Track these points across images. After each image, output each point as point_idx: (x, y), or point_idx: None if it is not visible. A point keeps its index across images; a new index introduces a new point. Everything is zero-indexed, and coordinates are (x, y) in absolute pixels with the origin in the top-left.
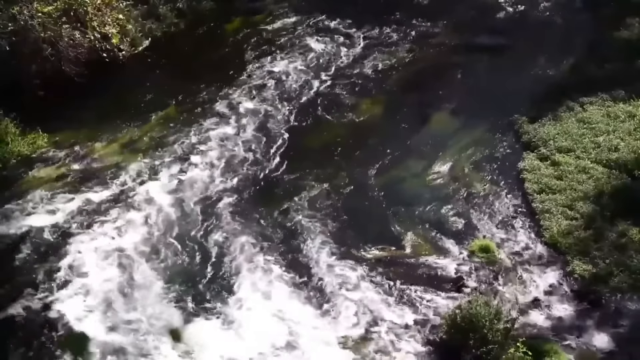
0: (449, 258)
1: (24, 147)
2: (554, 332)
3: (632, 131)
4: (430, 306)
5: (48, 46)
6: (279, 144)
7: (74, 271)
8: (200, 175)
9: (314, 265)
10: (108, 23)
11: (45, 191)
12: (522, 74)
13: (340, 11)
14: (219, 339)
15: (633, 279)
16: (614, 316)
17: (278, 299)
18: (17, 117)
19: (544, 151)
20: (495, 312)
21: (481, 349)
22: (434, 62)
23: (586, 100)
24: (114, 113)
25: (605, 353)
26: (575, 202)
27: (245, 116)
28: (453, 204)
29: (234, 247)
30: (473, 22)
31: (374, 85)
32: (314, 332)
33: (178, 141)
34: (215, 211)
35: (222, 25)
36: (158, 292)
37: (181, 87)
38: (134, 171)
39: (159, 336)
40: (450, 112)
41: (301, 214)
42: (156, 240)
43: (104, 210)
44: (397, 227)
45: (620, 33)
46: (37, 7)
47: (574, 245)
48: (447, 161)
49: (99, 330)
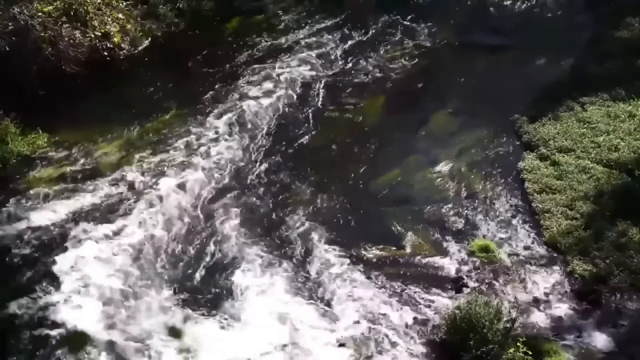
0: (449, 258)
1: (24, 147)
2: (554, 332)
3: (632, 131)
4: (430, 306)
5: (48, 46)
6: (279, 144)
7: (74, 271)
8: (200, 175)
9: (313, 265)
10: (108, 22)
11: (45, 191)
12: (522, 73)
13: (340, 11)
14: (219, 339)
15: (633, 279)
16: (614, 316)
17: (278, 299)
18: (17, 117)
19: (544, 151)
20: (495, 312)
21: (481, 349)
22: (433, 62)
23: (586, 100)
24: (114, 113)
25: (605, 353)
26: (575, 202)
27: (245, 116)
28: (453, 204)
29: (234, 247)
30: (473, 21)
31: (374, 85)
32: (314, 331)
33: (178, 141)
34: (216, 211)
35: (222, 25)
36: (159, 291)
37: (181, 87)
38: (135, 171)
39: (159, 336)
40: (450, 111)
41: (301, 213)
42: (157, 240)
43: (104, 210)
44: (397, 227)
45: (620, 33)
46: (37, 6)
47: (574, 245)
48: (447, 161)
49: (100, 330)
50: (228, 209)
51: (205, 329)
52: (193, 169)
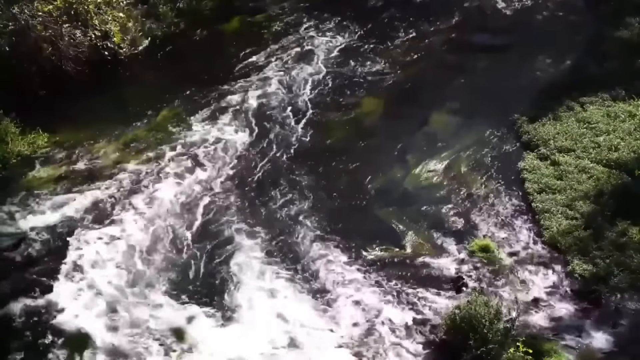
0: (449, 258)
1: (24, 147)
2: (554, 332)
3: (632, 131)
4: (430, 306)
5: (48, 45)
6: (279, 144)
7: (75, 271)
8: (201, 174)
9: (313, 265)
10: (109, 21)
11: (45, 191)
12: (522, 73)
13: (340, 11)
14: (220, 339)
15: (633, 279)
16: (614, 316)
17: (278, 299)
18: (17, 117)
19: (544, 151)
20: (495, 312)
21: (481, 349)
22: (434, 62)
23: (586, 100)
24: (115, 112)
25: (605, 353)
26: (575, 201)
27: (245, 115)
28: (453, 204)
29: (235, 247)
30: (473, 21)
31: (374, 85)
32: (314, 331)
33: (178, 141)
34: (216, 211)
35: (221, 25)
36: (160, 291)
37: (181, 87)
38: (135, 171)
39: (160, 336)
40: (450, 111)
41: (301, 213)
42: (157, 240)
43: (104, 210)
44: (397, 227)
45: (620, 33)
46: (37, 6)
47: (574, 245)
48: (447, 161)
49: (101, 330)
50: (228, 209)
51: (205, 329)
52: (193, 169)
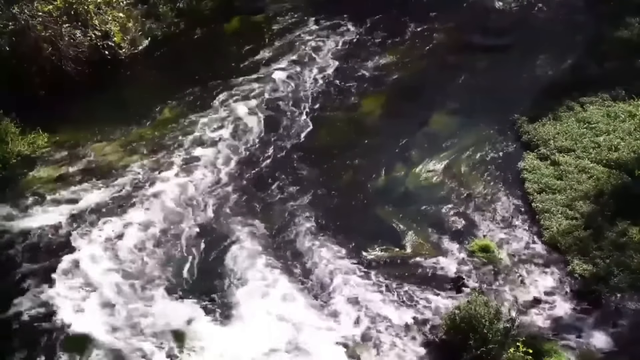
0: (449, 258)
1: (24, 147)
2: (554, 332)
3: (632, 131)
4: (430, 306)
5: (48, 45)
6: (279, 143)
7: (75, 271)
8: (201, 174)
9: (314, 265)
10: (109, 21)
11: (45, 191)
12: (522, 73)
13: (340, 11)
14: (220, 339)
15: (633, 279)
16: (614, 316)
17: (278, 299)
18: (17, 117)
19: (544, 151)
20: (495, 312)
21: (481, 349)
22: (434, 62)
23: (586, 100)
24: (114, 112)
25: (605, 353)
26: (575, 201)
27: (245, 115)
28: (453, 204)
29: (235, 247)
30: (473, 21)
31: (374, 85)
32: (314, 331)
33: (178, 141)
34: (216, 211)
35: (221, 25)
36: (160, 291)
37: (181, 87)
38: (135, 171)
39: (160, 336)
40: (450, 111)
41: (302, 213)
42: (157, 240)
43: (104, 209)
44: (397, 227)
45: (620, 33)
46: (37, 6)
47: (574, 245)
48: (447, 160)
49: (101, 330)
50: (227, 208)
51: (205, 329)
52: (193, 169)
